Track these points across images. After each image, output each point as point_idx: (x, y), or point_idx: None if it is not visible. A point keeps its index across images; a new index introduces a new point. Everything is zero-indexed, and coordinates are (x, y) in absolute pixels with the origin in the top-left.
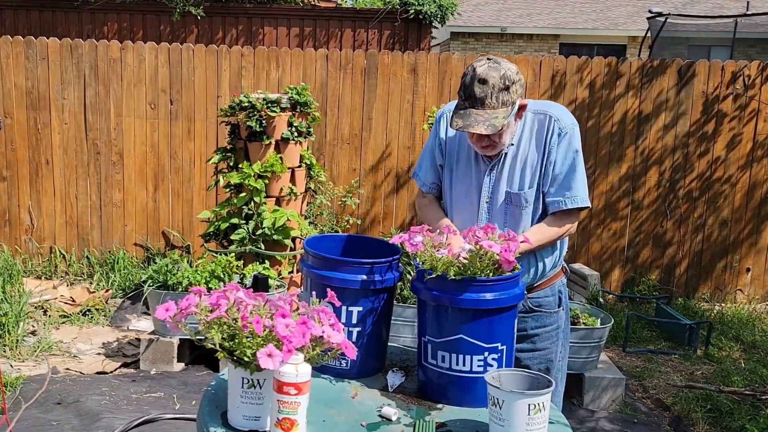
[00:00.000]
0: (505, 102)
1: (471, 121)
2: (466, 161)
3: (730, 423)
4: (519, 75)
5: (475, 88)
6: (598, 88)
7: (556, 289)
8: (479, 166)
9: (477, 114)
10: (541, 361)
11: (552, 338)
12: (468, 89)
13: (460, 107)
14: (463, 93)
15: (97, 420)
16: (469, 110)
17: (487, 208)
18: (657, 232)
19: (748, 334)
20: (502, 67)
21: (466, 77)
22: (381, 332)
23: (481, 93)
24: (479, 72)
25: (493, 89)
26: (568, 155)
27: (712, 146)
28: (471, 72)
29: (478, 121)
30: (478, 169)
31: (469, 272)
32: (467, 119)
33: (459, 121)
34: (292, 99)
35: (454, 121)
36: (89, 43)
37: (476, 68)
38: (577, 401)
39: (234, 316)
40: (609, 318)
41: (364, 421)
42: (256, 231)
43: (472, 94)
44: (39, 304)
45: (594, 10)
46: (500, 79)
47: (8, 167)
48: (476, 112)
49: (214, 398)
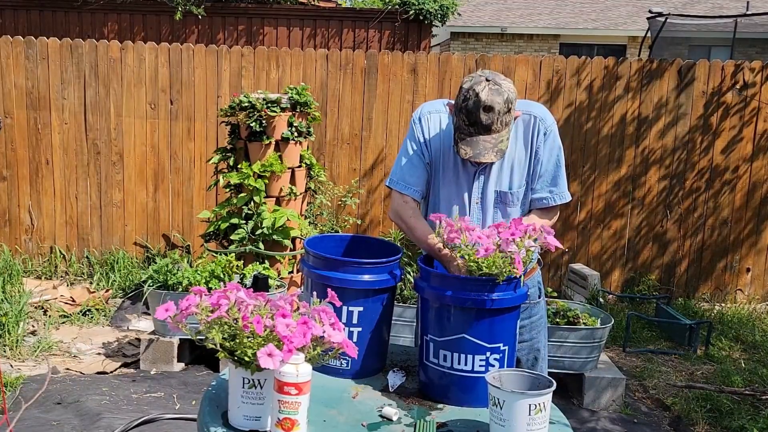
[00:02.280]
0: (508, 122)
1: (480, 149)
2: (453, 164)
3: (730, 423)
4: (514, 90)
5: (481, 115)
6: (597, 90)
7: (536, 280)
8: (467, 169)
9: (485, 141)
10: (530, 351)
11: (537, 328)
12: (473, 116)
13: (464, 132)
14: (466, 118)
15: (97, 420)
16: (476, 138)
17: (478, 208)
18: (657, 232)
19: (748, 334)
20: (503, 89)
21: (468, 102)
22: (382, 332)
23: (488, 120)
24: (483, 98)
25: (499, 114)
26: (553, 153)
27: (712, 146)
28: (474, 97)
29: (487, 149)
30: (466, 171)
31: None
32: (476, 147)
33: (468, 149)
34: (292, 99)
35: (462, 149)
36: (89, 43)
37: (479, 93)
38: (577, 401)
39: (235, 316)
40: (609, 318)
41: (364, 421)
42: (256, 231)
43: (478, 121)
44: (39, 304)
45: (594, 10)
46: (504, 103)
47: (8, 167)
48: (483, 138)
49: (215, 398)
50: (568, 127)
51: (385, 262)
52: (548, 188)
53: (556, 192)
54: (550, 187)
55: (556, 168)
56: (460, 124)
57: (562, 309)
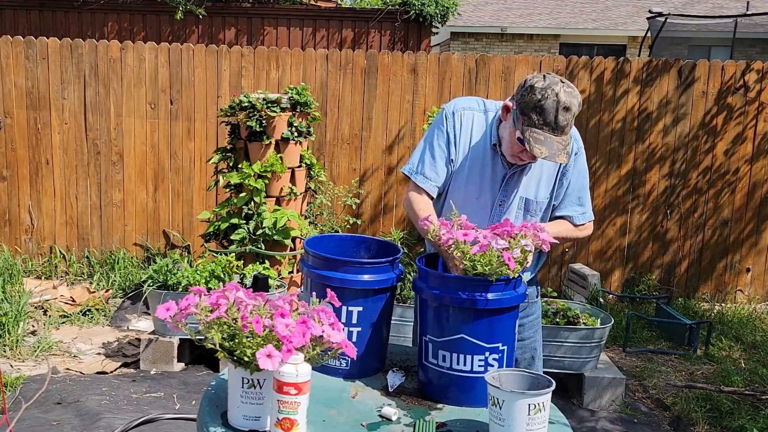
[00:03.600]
0: (572, 124)
1: (555, 150)
2: (481, 163)
3: (730, 423)
4: None
5: (560, 116)
6: (597, 90)
7: (534, 280)
8: (496, 169)
9: (558, 142)
10: (527, 350)
11: (534, 327)
12: (550, 116)
13: (537, 131)
14: (542, 118)
15: (97, 420)
16: (550, 137)
17: (500, 211)
18: (657, 232)
19: (748, 334)
20: (575, 92)
21: (546, 101)
22: (381, 332)
23: (565, 121)
24: (563, 99)
25: (573, 117)
26: (582, 174)
27: (712, 146)
28: (553, 96)
29: (560, 150)
30: (494, 172)
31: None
32: (551, 148)
33: (543, 149)
34: (292, 99)
35: (537, 148)
36: (89, 43)
37: (558, 93)
38: (577, 401)
39: (234, 316)
40: (609, 318)
41: (364, 421)
42: (256, 231)
43: (556, 121)
44: (39, 304)
45: (594, 10)
46: (578, 106)
47: (8, 167)
48: (557, 140)
49: (214, 398)
50: None
51: (384, 262)
52: (574, 206)
53: (582, 212)
54: (576, 206)
55: (583, 188)
56: (533, 122)
57: (562, 309)
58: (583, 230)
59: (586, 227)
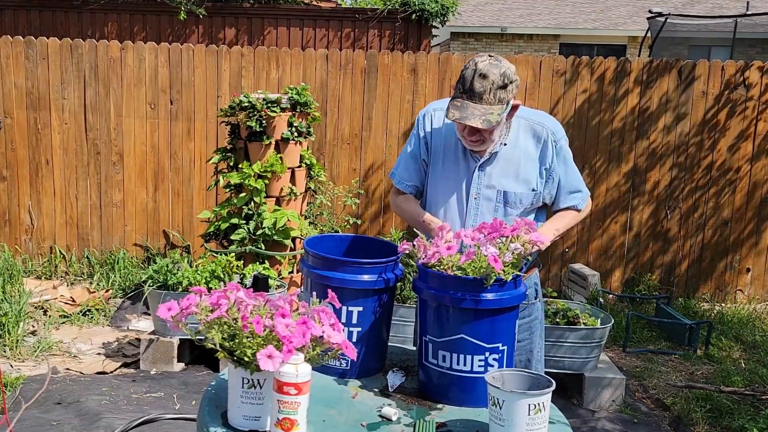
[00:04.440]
0: (502, 99)
1: (468, 113)
2: (453, 158)
3: (730, 423)
4: (516, 75)
5: (475, 82)
6: (598, 90)
7: (533, 281)
8: (468, 163)
9: (474, 107)
10: (522, 352)
11: (531, 329)
12: (467, 82)
13: (456, 98)
14: (462, 86)
15: (97, 420)
16: (466, 103)
17: (476, 204)
18: (658, 232)
19: (748, 334)
20: (502, 65)
21: (466, 70)
22: (381, 332)
23: (481, 88)
24: (480, 67)
25: (492, 85)
26: (568, 164)
27: (713, 146)
28: (472, 66)
29: (475, 115)
30: (466, 165)
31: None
32: (464, 111)
33: (456, 112)
34: (292, 99)
35: (451, 111)
36: (89, 43)
37: (478, 63)
38: (577, 401)
39: (234, 316)
40: (609, 318)
41: (364, 421)
42: (257, 231)
43: (471, 87)
44: (39, 304)
45: (594, 10)
46: (500, 76)
47: (8, 167)
48: (473, 105)
49: (214, 398)
50: (568, 129)
51: (384, 262)
52: (573, 195)
53: (581, 197)
54: (575, 193)
55: (574, 176)
56: (455, 92)
57: (562, 309)
58: (585, 209)
59: (587, 205)
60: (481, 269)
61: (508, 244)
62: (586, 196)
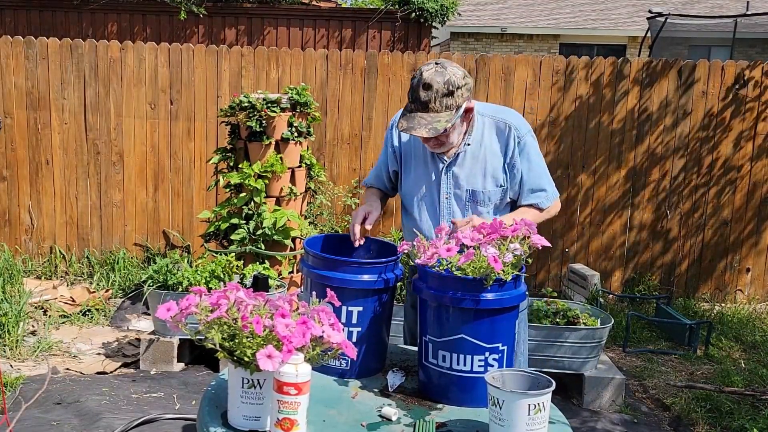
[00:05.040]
0: (449, 106)
1: (414, 123)
2: (423, 162)
3: (730, 423)
4: (466, 79)
5: (420, 92)
6: (598, 91)
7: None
8: (436, 164)
9: (421, 117)
10: None
11: None
12: (414, 93)
13: (407, 109)
14: (410, 96)
15: (97, 420)
16: (414, 114)
17: (447, 204)
18: (658, 232)
19: (748, 334)
20: (447, 72)
21: (414, 80)
22: (381, 332)
23: (426, 97)
24: (425, 77)
25: (437, 94)
26: (532, 160)
27: (712, 146)
28: (418, 76)
29: (421, 124)
30: (435, 167)
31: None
32: (411, 122)
33: (404, 122)
34: (292, 99)
35: (400, 122)
36: (89, 43)
37: (423, 72)
38: (577, 401)
39: (234, 316)
40: (609, 318)
41: (364, 421)
42: (257, 231)
43: (417, 97)
44: (39, 304)
45: (594, 10)
46: (444, 84)
47: (8, 167)
48: (420, 115)
49: (214, 398)
50: (569, 127)
51: (384, 262)
52: (536, 193)
53: (545, 196)
54: (538, 192)
55: (539, 174)
56: (407, 102)
57: (562, 309)
58: (550, 210)
59: (553, 206)
60: (480, 269)
61: (508, 244)
62: (552, 196)
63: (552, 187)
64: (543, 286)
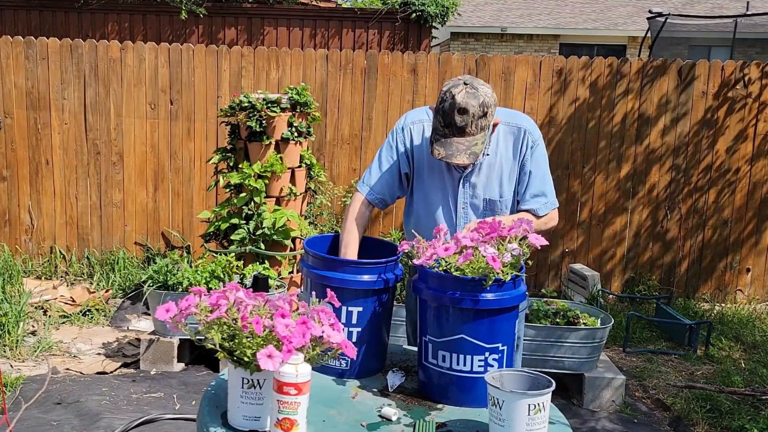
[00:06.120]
0: (484, 127)
1: (453, 150)
2: (438, 171)
3: (730, 423)
4: (493, 96)
5: (455, 117)
6: (598, 91)
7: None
8: (452, 175)
9: (458, 143)
10: None
11: None
12: (448, 117)
13: (439, 133)
14: (442, 119)
15: (97, 420)
16: (450, 139)
17: (464, 213)
18: (658, 232)
19: (748, 334)
20: (479, 93)
21: (444, 104)
22: (381, 332)
23: (462, 122)
24: (459, 101)
25: (473, 117)
26: (541, 166)
27: (712, 146)
28: (450, 99)
29: (460, 150)
30: (451, 177)
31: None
32: (449, 148)
33: (441, 150)
34: (292, 99)
35: (436, 149)
36: (89, 43)
37: (455, 96)
38: (577, 401)
39: (234, 317)
40: (609, 318)
41: (364, 421)
42: (257, 231)
43: (452, 122)
44: (39, 304)
45: (594, 10)
46: (479, 107)
47: (8, 167)
48: (457, 140)
49: (214, 398)
50: (569, 128)
51: (384, 262)
52: (537, 198)
53: (545, 202)
54: (540, 197)
55: (544, 180)
56: (436, 125)
57: (562, 309)
58: (548, 221)
59: (551, 217)
60: (479, 269)
61: (507, 244)
62: (551, 204)
63: (552, 196)
64: (543, 286)
